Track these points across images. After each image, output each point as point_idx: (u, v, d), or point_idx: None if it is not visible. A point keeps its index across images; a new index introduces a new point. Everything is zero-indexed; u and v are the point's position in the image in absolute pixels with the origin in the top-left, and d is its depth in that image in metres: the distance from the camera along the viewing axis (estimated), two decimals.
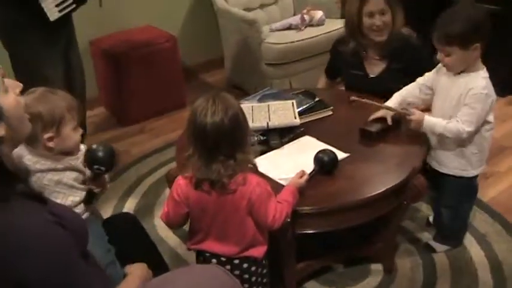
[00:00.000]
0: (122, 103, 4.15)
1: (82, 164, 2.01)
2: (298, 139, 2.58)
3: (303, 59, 4.11)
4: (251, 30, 3.99)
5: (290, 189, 2.07)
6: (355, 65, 3.00)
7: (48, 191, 1.91)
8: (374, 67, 2.97)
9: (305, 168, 2.27)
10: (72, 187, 1.98)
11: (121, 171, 3.58)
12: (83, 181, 2.02)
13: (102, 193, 2.11)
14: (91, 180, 2.01)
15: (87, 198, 2.01)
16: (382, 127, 2.55)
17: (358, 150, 2.47)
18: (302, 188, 2.13)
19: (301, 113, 2.70)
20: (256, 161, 2.02)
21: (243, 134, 1.90)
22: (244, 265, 2.03)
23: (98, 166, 1.92)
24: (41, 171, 1.92)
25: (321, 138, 2.54)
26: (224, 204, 1.92)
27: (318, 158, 2.29)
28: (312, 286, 2.56)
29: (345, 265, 2.65)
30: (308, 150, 2.41)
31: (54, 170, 1.94)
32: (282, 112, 2.68)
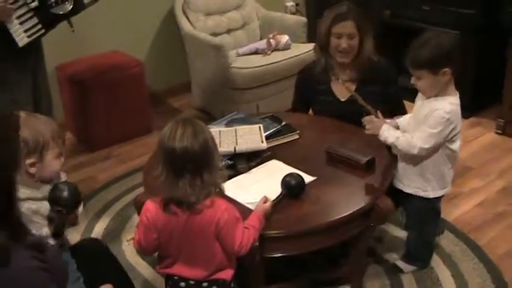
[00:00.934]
0: (88, 129, 4.12)
1: None
2: (265, 163, 2.59)
3: (270, 83, 4.15)
4: (218, 55, 4.02)
5: (256, 214, 2.09)
6: (324, 92, 3.03)
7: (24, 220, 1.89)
8: (343, 91, 2.99)
9: (273, 191, 2.29)
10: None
11: (89, 197, 3.54)
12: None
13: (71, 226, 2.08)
14: (49, 219, 1.95)
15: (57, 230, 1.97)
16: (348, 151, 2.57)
17: (324, 173, 2.49)
18: (268, 213, 2.15)
19: (268, 137, 2.73)
20: (223, 185, 2.03)
21: (211, 158, 1.92)
22: None
23: (59, 207, 1.89)
24: (21, 199, 1.87)
25: (288, 161, 2.57)
26: (192, 227, 1.93)
27: (285, 182, 2.31)
28: None
29: None
30: (275, 174, 2.43)
31: (32, 199, 1.91)
32: (249, 136, 2.70)
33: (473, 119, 4.22)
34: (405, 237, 2.95)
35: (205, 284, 2.02)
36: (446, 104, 2.36)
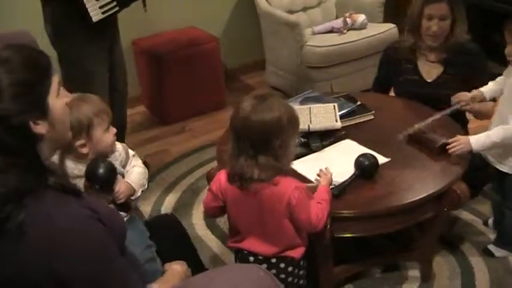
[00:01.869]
0: (163, 103, 4.19)
1: (119, 164, 2.05)
2: (338, 142, 2.57)
3: (345, 63, 4.10)
4: (293, 33, 4.00)
5: (324, 188, 2.07)
6: (409, 71, 2.97)
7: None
8: (430, 71, 2.93)
9: (345, 171, 2.28)
10: None
11: (161, 169, 3.62)
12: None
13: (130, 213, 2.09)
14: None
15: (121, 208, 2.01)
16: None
17: (399, 155, 2.45)
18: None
19: (342, 117, 2.70)
20: (294, 164, 2.02)
21: (280, 136, 1.86)
22: (281, 265, 2.03)
23: (95, 183, 1.90)
24: (78, 176, 1.95)
25: (362, 142, 2.53)
26: (261, 203, 1.93)
27: (359, 162, 2.29)
28: None
29: (382, 270, 2.63)
30: (349, 154, 2.40)
31: None
32: (323, 115, 2.68)
33: None
34: (478, 223, 2.90)
35: (273, 260, 2.03)
36: None
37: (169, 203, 3.29)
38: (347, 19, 4.17)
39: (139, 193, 2.06)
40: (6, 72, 1.34)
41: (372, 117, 2.78)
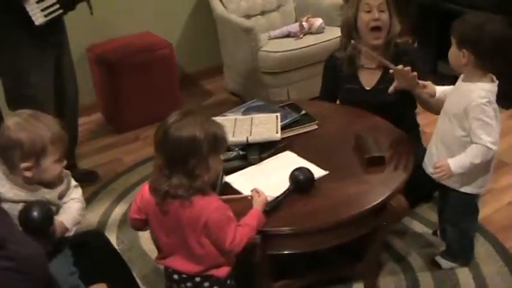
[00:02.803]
0: (117, 110, 4.10)
1: (56, 196, 1.96)
2: (278, 154, 2.50)
3: (302, 68, 4.02)
4: (248, 38, 3.92)
5: (254, 212, 1.99)
6: (350, 79, 2.92)
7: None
8: (369, 78, 2.89)
9: (281, 185, 2.21)
10: None
11: (112, 179, 3.55)
12: None
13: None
14: None
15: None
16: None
17: (338, 167, 2.38)
18: (265, 204, 2.04)
19: (285, 127, 2.64)
20: (225, 180, 1.97)
21: (199, 156, 1.81)
22: (205, 284, 1.96)
23: (28, 229, 1.76)
24: (13, 201, 1.85)
25: (302, 153, 2.47)
26: (180, 221, 1.87)
27: (294, 177, 2.22)
28: None
29: (326, 285, 2.55)
30: (286, 166, 2.32)
31: (26, 202, 1.85)
32: (265, 126, 2.62)
33: None
34: (428, 233, 2.85)
35: (198, 279, 1.96)
36: (479, 91, 2.22)
37: (118, 213, 3.22)
38: (303, 23, 4.10)
39: (72, 232, 1.97)
40: None
41: (316, 127, 2.71)
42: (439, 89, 2.53)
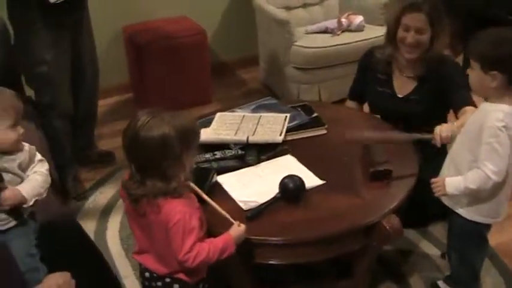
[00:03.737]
0: (144, 92, 4.07)
1: (18, 167, 1.93)
2: (277, 158, 2.39)
3: (334, 66, 3.87)
4: (282, 31, 3.80)
5: (226, 236, 1.86)
6: (383, 82, 2.79)
7: None
8: (403, 86, 2.75)
9: (271, 191, 2.12)
10: None
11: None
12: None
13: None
14: None
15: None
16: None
17: (337, 177, 2.26)
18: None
19: (291, 129, 2.53)
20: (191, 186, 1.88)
21: (167, 160, 1.74)
22: (175, 285, 1.90)
23: None
24: None
25: (303, 159, 2.36)
26: (149, 224, 1.82)
27: (283, 184, 2.12)
28: None
29: None
30: (282, 171, 2.22)
31: None
32: (270, 126, 2.52)
33: None
34: (435, 255, 2.70)
35: (167, 280, 1.90)
36: (498, 112, 2.03)
37: None
38: (342, 20, 3.94)
39: (31, 202, 1.93)
40: None
41: (325, 131, 2.58)
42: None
